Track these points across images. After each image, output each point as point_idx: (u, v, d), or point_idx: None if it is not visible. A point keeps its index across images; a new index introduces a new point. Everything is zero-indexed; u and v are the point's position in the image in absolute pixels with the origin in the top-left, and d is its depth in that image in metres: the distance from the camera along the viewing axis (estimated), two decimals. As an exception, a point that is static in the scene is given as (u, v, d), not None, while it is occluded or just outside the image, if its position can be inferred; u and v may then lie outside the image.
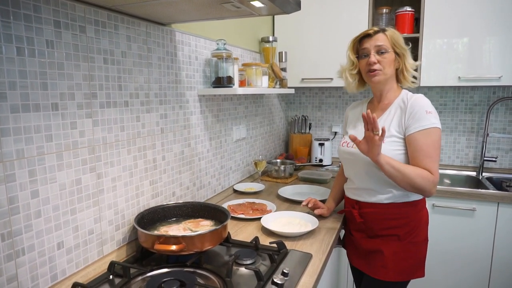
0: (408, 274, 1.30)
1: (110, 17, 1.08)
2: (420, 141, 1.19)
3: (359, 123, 1.39)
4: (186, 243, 1.04)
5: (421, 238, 1.31)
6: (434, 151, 1.19)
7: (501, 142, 2.36)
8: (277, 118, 2.62)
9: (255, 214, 1.52)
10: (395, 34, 1.27)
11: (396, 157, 1.22)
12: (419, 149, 1.19)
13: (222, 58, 1.52)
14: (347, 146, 1.36)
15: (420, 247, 1.31)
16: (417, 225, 1.30)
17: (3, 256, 0.82)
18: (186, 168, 1.52)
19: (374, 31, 1.28)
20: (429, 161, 1.18)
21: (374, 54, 1.27)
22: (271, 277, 1.01)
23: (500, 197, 1.88)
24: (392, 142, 1.24)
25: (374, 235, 1.33)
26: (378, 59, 1.26)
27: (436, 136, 1.19)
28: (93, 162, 1.05)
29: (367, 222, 1.33)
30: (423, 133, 1.19)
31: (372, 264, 1.33)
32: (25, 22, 0.84)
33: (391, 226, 1.29)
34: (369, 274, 1.33)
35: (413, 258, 1.30)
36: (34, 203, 0.88)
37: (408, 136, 1.22)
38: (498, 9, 1.94)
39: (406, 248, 1.28)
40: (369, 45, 1.28)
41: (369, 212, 1.32)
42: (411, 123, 1.21)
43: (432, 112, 1.21)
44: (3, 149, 0.81)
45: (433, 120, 1.19)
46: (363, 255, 1.37)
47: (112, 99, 1.11)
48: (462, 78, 2.06)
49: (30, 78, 0.86)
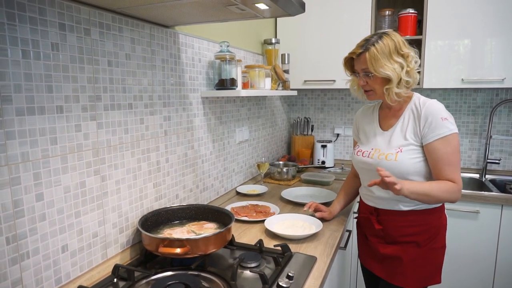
0: (426, 281, 1.28)
1: (114, 19, 1.08)
2: (440, 150, 1.17)
3: (369, 128, 1.37)
4: (190, 246, 1.03)
5: (440, 244, 1.29)
6: (455, 158, 1.17)
7: (504, 144, 2.35)
8: (280, 120, 2.62)
9: (259, 216, 1.51)
10: (375, 56, 1.18)
11: (415, 165, 1.20)
12: (440, 158, 1.17)
13: (225, 60, 1.52)
14: (363, 156, 1.33)
15: (438, 253, 1.29)
16: (436, 231, 1.28)
17: (8, 260, 0.82)
18: (189, 171, 1.52)
19: (357, 53, 1.23)
20: (452, 169, 1.17)
21: (362, 76, 1.25)
22: (276, 280, 1.01)
23: (504, 200, 1.87)
24: (410, 150, 1.22)
25: (392, 241, 1.30)
26: (367, 80, 1.24)
27: (455, 141, 1.18)
28: (97, 164, 1.05)
29: (386, 229, 1.30)
30: (442, 141, 1.17)
31: (390, 270, 1.30)
32: (31, 24, 0.84)
33: (410, 233, 1.26)
34: (387, 280, 1.31)
35: (432, 264, 1.28)
36: (38, 206, 0.88)
37: (426, 145, 1.19)
38: (500, 11, 1.94)
39: (425, 255, 1.26)
40: (357, 67, 1.26)
41: (388, 219, 1.29)
42: (428, 132, 1.18)
43: (447, 117, 1.18)
44: (8, 152, 0.81)
45: (450, 126, 1.17)
46: (379, 260, 1.34)
47: (116, 102, 1.10)
48: (465, 80, 2.06)
49: (35, 81, 0.86)
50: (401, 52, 1.20)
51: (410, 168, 1.21)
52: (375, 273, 1.37)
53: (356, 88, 1.35)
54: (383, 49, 1.18)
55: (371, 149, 1.31)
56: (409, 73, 1.20)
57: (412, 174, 1.22)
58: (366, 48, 1.20)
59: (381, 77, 1.20)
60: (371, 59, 1.19)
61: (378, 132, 1.33)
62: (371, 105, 1.46)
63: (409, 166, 1.20)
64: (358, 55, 1.23)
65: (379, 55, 1.18)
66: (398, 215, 1.27)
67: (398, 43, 1.20)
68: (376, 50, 1.18)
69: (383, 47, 1.18)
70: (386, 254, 1.31)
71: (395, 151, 1.23)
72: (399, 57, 1.19)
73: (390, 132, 1.29)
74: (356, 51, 1.23)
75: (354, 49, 1.24)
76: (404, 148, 1.22)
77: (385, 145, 1.27)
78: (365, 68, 1.22)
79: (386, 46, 1.18)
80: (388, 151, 1.25)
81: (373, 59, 1.19)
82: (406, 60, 1.20)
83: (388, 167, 1.21)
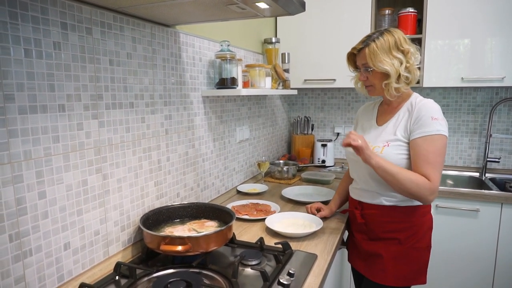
0: (408, 280, 1.28)
1: (115, 18, 1.08)
2: (421, 146, 1.17)
3: (367, 124, 1.39)
4: (191, 243, 1.04)
5: (423, 245, 1.29)
6: (436, 158, 1.16)
7: (504, 142, 2.36)
8: (280, 119, 2.63)
9: (259, 215, 1.52)
10: (374, 51, 1.20)
11: (399, 161, 1.21)
12: (420, 154, 1.17)
13: (226, 59, 1.52)
14: None
15: (422, 253, 1.30)
16: (419, 230, 1.28)
17: (11, 257, 0.83)
18: (190, 169, 1.52)
19: (358, 48, 1.26)
20: (429, 167, 1.15)
21: (363, 71, 1.27)
22: (277, 278, 1.01)
23: (504, 198, 1.88)
24: (397, 146, 1.23)
25: (375, 237, 1.32)
26: (367, 75, 1.26)
27: (440, 143, 1.16)
28: (99, 163, 1.05)
29: (368, 224, 1.33)
30: (426, 139, 1.17)
31: (371, 267, 1.32)
32: (33, 24, 0.85)
33: (392, 230, 1.28)
34: (368, 277, 1.33)
35: (414, 264, 1.28)
36: (41, 204, 0.89)
37: (411, 141, 1.20)
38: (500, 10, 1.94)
39: (407, 253, 1.27)
40: (358, 62, 1.28)
41: (371, 213, 1.32)
42: (415, 128, 1.19)
43: (438, 118, 1.18)
44: (11, 150, 0.82)
45: (438, 127, 1.17)
46: (363, 257, 1.37)
47: (117, 100, 1.11)
48: (465, 78, 2.06)
49: (37, 79, 0.86)
50: (401, 48, 1.21)
51: (394, 162, 1.21)
52: (359, 271, 1.40)
53: (360, 85, 1.37)
54: (382, 45, 1.20)
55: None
56: (409, 68, 1.22)
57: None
58: (366, 43, 1.23)
59: (381, 72, 1.22)
60: (370, 54, 1.21)
61: (373, 127, 1.35)
62: (372, 102, 1.47)
63: (394, 161, 1.21)
64: (359, 51, 1.26)
65: (379, 50, 1.20)
66: (380, 210, 1.29)
67: (399, 39, 1.21)
68: (375, 46, 1.21)
69: (383, 43, 1.21)
70: (368, 251, 1.33)
71: (382, 145, 1.25)
72: (399, 53, 1.20)
73: (383, 127, 1.31)
74: (358, 46, 1.26)
75: (356, 44, 1.28)
76: (391, 143, 1.24)
77: (375, 138, 1.30)
78: (365, 63, 1.24)
79: (386, 42, 1.20)
80: (376, 144, 1.27)
81: (372, 54, 1.21)
82: (406, 56, 1.21)
83: None
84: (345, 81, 2.29)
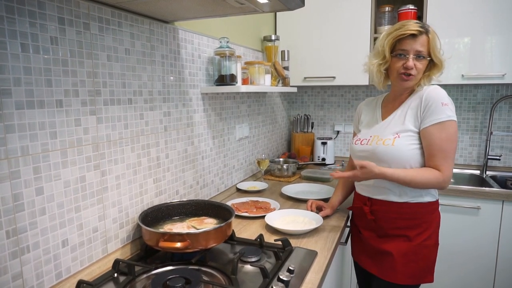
0: (418, 278, 1.26)
1: (114, 14, 1.08)
2: (435, 135, 1.16)
3: (371, 120, 1.37)
4: (190, 240, 1.03)
5: (432, 242, 1.28)
6: (449, 145, 1.16)
7: (505, 140, 2.35)
8: (280, 117, 2.62)
9: (259, 212, 1.51)
10: (435, 40, 1.18)
11: (412, 151, 1.20)
12: (433, 143, 1.16)
13: (225, 56, 1.51)
14: (361, 144, 1.33)
15: (431, 251, 1.28)
16: (428, 227, 1.27)
17: (8, 254, 0.82)
18: (190, 167, 1.51)
19: (419, 31, 1.16)
20: (442, 156, 1.15)
21: (413, 57, 1.18)
22: (276, 274, 1.00)
23: (505, 195, 1.87)
24: (408, 136, 1.21)
25: (384, 234, 1.30)
26: (415, 64, 1.19)
27: (452, 129, 1.16)
28: (97, 159, 1.05)
29: (377, 220, 1.30)
30: (438, 126, 1.15)
31: (380, 265, 1.30)
32: (30, 18, 0.84)
33: (401, 226, 1.26)
34: (378, 276, 1.30)
35: (423, 261, 1.26)
36: (39, 200, 0.88)
37: (422, 130, 1.19)
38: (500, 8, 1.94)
39: (416, 251, 1.25)
40: (410, 47, 1.18)
41: (380, 209, 1.29)
42: (426, 116, 1.17)
43: (448, 104, 1.17)
44: (8, 146, 0.81)
45: (448, 112, 1.16)
46: (370, 255, 1.35)
47: (116, 97, 1.10)
48: (465, 76, 2.05)
49: (34, 74, 0.85)
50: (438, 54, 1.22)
51: (407, 154, 1.20)
52: (367, 269, 1.37)
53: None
54: (436, 35, 1.20)
55: (369, 136, 1.31)
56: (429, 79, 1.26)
57: (408, 160, 1.21)
58: (426, 30, 1.19)
59: (428, 63, 1.21)
60: (431, 42, 1.18)
61: (379, 121, 1.33)
62: (374, 98, 1.46)
63: (406, 152, 1.20)
64: (417, 35, 1.17)
65: (437, 39, 1.19)
66: (390, 206, 1.27)
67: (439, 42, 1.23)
68: (435, 34, 1.19)
69: (435, 33, 1.20)
70: (377, 249, 1.31)
71: (392, 137, 1.23)
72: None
73: (389, 119, 1.29)
74: (414, 28, 1.16)
75: (411, 26, 1.17)
76: (402, 134, 1.22)
77: (383, 130, 1.28)
78: (421, 50, 1.18)
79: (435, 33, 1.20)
80: (386, 136, 1.25)
81: (433, 42, 1.18)
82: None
83: (385, 152, 1.22)
84: (345, 79, 2.29)
